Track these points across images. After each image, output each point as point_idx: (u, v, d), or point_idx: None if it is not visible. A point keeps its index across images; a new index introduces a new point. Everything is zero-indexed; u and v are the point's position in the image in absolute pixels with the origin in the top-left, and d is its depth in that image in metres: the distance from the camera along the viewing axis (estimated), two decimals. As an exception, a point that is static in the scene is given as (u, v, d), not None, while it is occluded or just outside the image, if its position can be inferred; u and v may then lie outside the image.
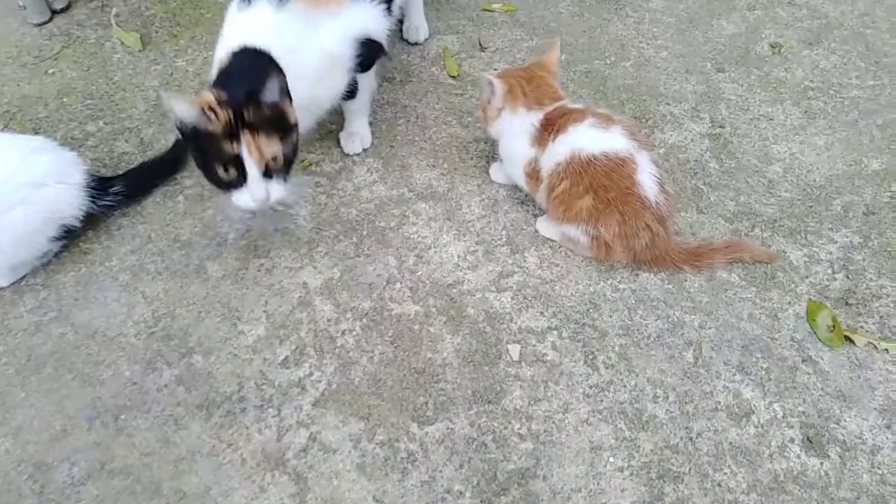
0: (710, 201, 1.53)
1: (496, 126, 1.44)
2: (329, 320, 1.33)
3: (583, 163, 1.30)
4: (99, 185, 1.41)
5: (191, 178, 1.55)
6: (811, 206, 1.53)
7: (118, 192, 1.44)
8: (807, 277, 1.41)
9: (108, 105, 1.69)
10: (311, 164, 1.58)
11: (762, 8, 1.97)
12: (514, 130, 1.40)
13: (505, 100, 1.40)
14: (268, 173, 1.21)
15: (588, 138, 1.32)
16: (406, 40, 1.85)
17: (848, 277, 1.41)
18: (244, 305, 1.35)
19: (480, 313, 1.35)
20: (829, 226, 1.50)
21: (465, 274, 1.40)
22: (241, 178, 1.20)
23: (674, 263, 1.37)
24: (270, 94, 1.16)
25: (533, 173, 1.40)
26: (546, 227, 1.46)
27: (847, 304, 1.37)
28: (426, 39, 1.85)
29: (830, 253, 1.45)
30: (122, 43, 1.82)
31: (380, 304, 1.36)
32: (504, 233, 1.48)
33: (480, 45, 1.85)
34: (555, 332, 1.32)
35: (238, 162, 1.18)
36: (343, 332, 1.32)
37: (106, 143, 1.61)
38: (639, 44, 1.87)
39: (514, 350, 1.29)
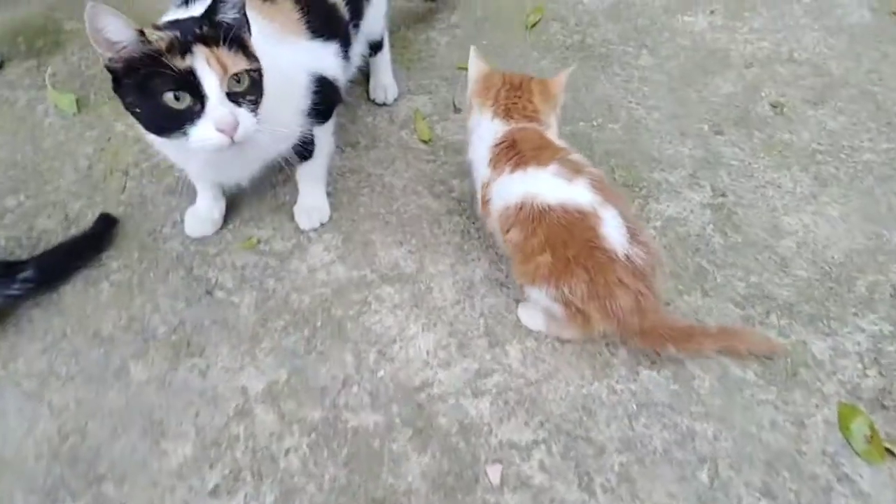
0: (716, 282, 1.34)
1: (469, 118, 1.30)
2: (271, 435, 1.11)
3: (535, 212, 1.11)
4: (4, 271, 1.20)
5: (118, 258, 1.34)
6: (832, 288, 1.34)
7: (28, 278, 1.23)
8: (834, 374, 1.21)
9: (33, 176, 1.49)
10: (258, 242, 1.38)
11: (760, 65, 1.82)
12: (479, 133, 1.26)
13: (476, 88, 1.28)
14: (233, 98, 0.96)
15: (546, 186, 1.13)
16: (373, 101, 1.67)
17: (881, 374, 1.21)
18: (170, 417, 1.13)
19: (453, 424, 1.13)
20: (854, 311, 1.30)
21: (436, 373, 1.19)
22: (199, 104, 0.94)
23: (662, 338, 1.13)
24: (229, 10, 0.97)
25: (483, 198, 1.23)
26: (528, 315, 1.26)
27: (883, 406, 1.16)
28: (395, 100, 1.68)
29: (858, 344, 1.25)
30: (56, 106, 1.63)
31: (333, 414, 1.14)
32: (481, 321, 1.27)
33: (455, 106, 1.68)
34: (542, 448, 1.10)
35: (192, 82, 0.92)
36: (287, 451, 1.09)
37: (25, 220, 1.40)
38: (628, 104, 1.70)
39: (495, 472, 1.07)
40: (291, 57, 1.19)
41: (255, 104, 1.00)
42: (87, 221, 1.39)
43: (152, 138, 1.08)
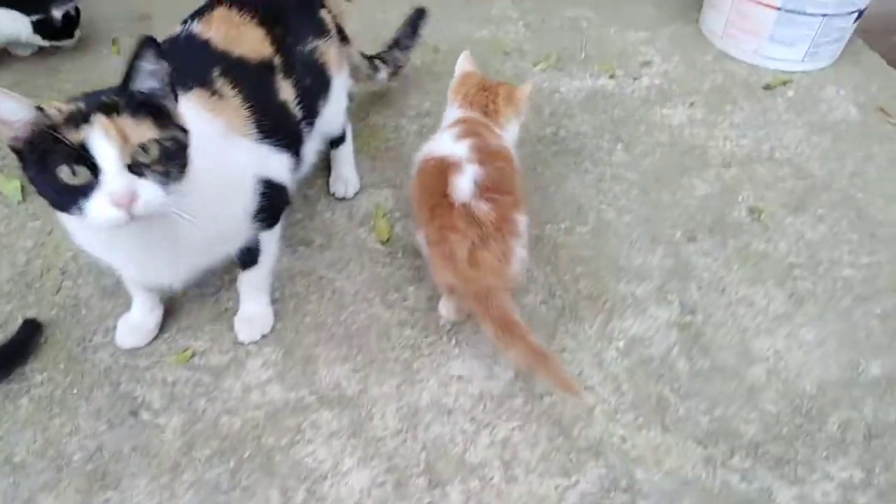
0: (678, 415, 1.25)
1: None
2: (180, 589, 1.02)
3: (425, 164, 1.28)
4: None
5: (43, 370, 1.26)
6: (801, 426, 1.25)
7: (-61, 395, 1.15)
8: (800, 531, 1.11)
9: (-34, 271, 1.42)
10: (193, 355, 1.30)
11: (739, 165, 1.76)
12: (443, 123, 1.40)
13: (455, 85, 1.42)
14: (136, 169, 0.87)
15: (441, 143, 1.28)
16: (333, 195, 1.61)
17: (851, 533, 1.11)
18: (72, 563, 1.04)
19: (379, 582, 1.03)
20: (824, 453, 1.21)
21: (368, 517, 1.10)
22: (95, 177, 0.85)
23: (488, 312, 1.12)
24: (143, 79, 0.90)
25: None
26: (443, 304, 1.37)
27: (853, 573, 1.07)
28: (356, 194, 1.61)
29: (827, 494, 1.16)
30: (1, 193, 1.57)
31: (249, 566, 1.04)
32: (423, 456, 1.18)
33: (418, 202, 1.61)
34: None
35: (86, 154, 0.84)
36: None
37: (-51, 324, 1.33)
38: (598, 205, 1.64)
39: None
40: (236, 157, 1.13)
41: (167, 176, 0.91)
42: (16, 327, 1.31)
43: (71, 231, 1.03)
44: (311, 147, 1.39)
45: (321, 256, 1.49)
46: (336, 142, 1.56)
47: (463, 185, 1.18)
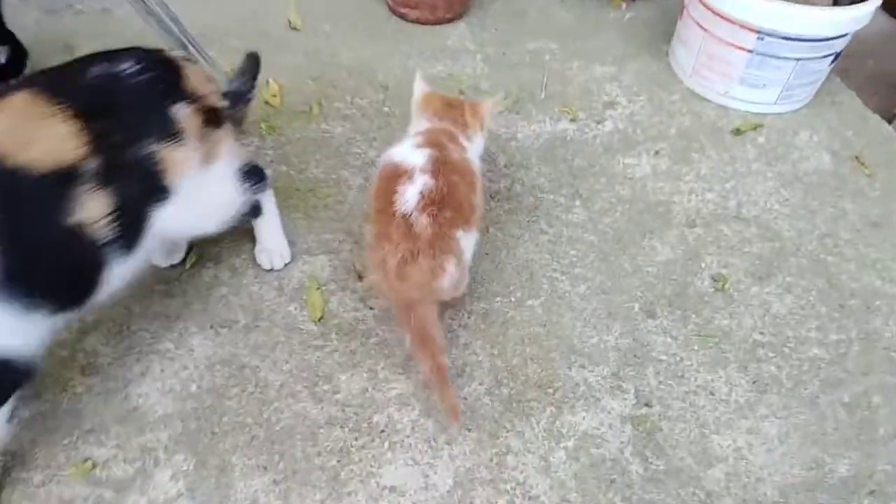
0: (629, 531, 1.14)
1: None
2: None
3: (384, 170, 1.25)
4: None
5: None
6: (761, 543, 1.15)
7: None
8: None
9: None
10: (94, 467, 1.17)
11: (704, 224, 1.64)
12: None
13: (416, 109, 1.39)
14: None
15: (400, 150, 1.26)
16: (259, 265, 1.47)
17: None
18: None
19: None
20: (786, 575, 1.11)
21: None
22: None
23: (409, 322, 1.18)
24: None
25: None
26: None
27: None
28: (286, 265, 1.48)
29: None
30: None
31: None
32: (345, 587, 1.06)
33: (357, 273, 1.48)
34: None
35: None
36: None
37: None
38: (552, 272, 1.52)
39: None
40: None
41: None
42: None
43: None
44: (135, 263, 1.13)
45: (245, 340, 1.36)
46: (253, 213, 1.40)
47: (409, 195, 1.17)
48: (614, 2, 2.35)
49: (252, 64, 1.55)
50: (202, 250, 1.49)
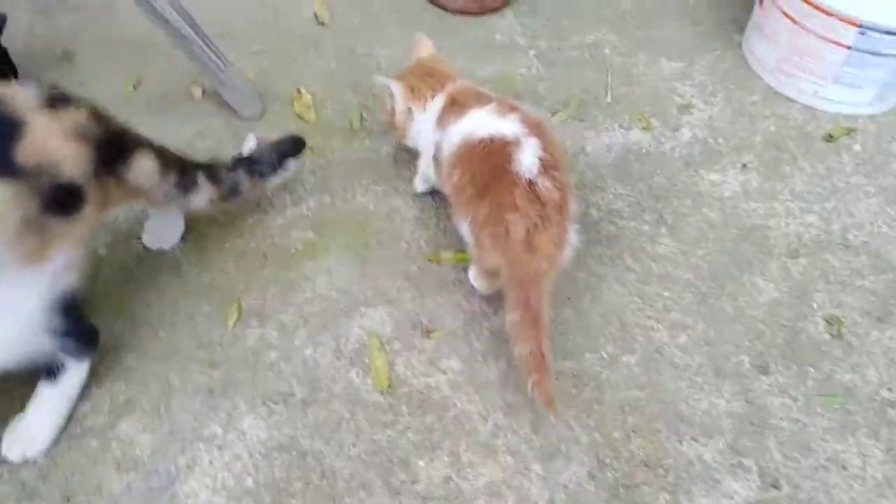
0: None
1: (412, 130, 1.34)
2: None
3: (469, 148, 1.17)
4: None
5: None
6: None
7: None
8: None
9: None
10: None
11: (808, 253, 1.45)
12: (426, 123, 1.31)
13: (409, 99, 1.31)
14: None
15: (481, 122, 1.19)
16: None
17: None
18: None
19: None
20: None
21: None
22: None
23: (527, 302, 1.09)
24: None
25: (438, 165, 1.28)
26: (472, 273, 1.30)
27: None
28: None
29: None
30: None
31: None
32: None
33: (425, 328, 1.28)
34: None
35: None
36: None
37: None
38: (645, 319, 1.33)
39: None
40: None
41: None
42: None
43: None
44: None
45: (304, 417, 1.17)
46: (43, 371, 1.05)
47: (527, 160, 1.12)
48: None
49: (291, 145, 1.35)
50: (246, 306, 1.28)
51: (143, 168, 1.06)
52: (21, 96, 0.90)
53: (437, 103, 1.30)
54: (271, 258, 1.37)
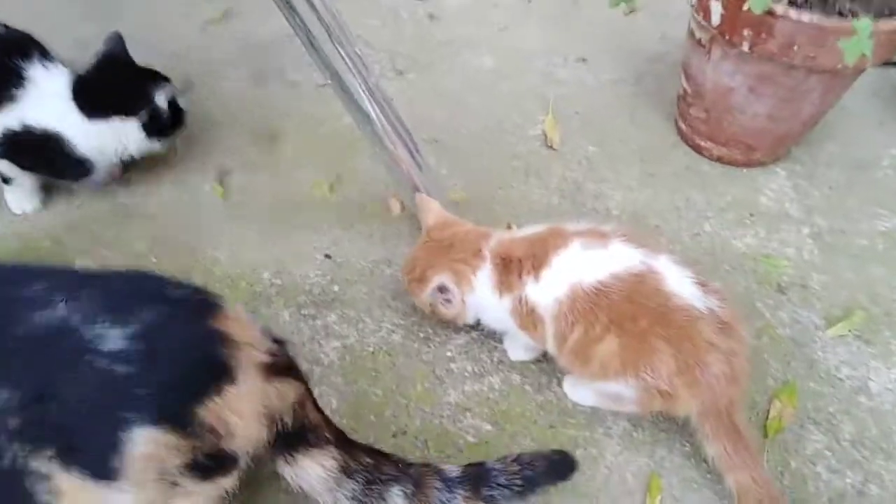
0: None
1: (471, 311, 1.12)
2: None
3: (589, 296, 0.98)
4: None
5: None
6: None
7: None
8: None
9: None
10: None
11: None
12: (485, 295, 1.09)
13: (461, 286, 1.09)
14: None
15: (584, 264, 1.00)
16: None
17: None
18: None
19: None
20: None
21: None
22: None
23: (730, 425, 0.97)
24: None
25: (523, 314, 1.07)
26: (575, 390, 1.12)
27: None
28: None
29: None
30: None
31: None
32: None
33: None
34: None
35: None
36: None
37: None
38: None
39: None
40: None
41: None
42: None
43: None
44: None
45: None
46: None
47: (684, 287, 0.98)
48: None
49: (552, 466, 0.95)
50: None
51: (311, 471, 0.85)
52: (279, 349, 0.82)
53: (485, 274, 1.09)
54: None
